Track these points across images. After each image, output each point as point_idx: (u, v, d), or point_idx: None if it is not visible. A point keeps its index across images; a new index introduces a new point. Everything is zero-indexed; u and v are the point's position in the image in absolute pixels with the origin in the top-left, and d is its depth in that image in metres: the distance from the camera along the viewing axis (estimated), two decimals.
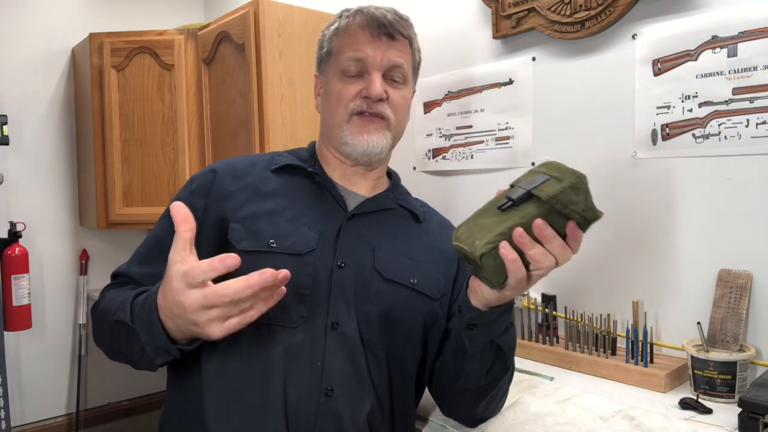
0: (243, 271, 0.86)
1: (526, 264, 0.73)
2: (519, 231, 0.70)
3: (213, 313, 0.71)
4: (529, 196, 0.73)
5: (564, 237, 0.73)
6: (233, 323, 0.72)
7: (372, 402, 0.88)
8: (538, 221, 0.70)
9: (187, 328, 0.74)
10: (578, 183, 0.72)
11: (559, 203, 0.71)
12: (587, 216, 0.73)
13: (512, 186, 0.77)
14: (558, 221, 0.72)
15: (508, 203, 0.74)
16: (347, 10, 0.98)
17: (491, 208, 0.77)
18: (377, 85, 0.92)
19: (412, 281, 0.94)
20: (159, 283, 0.78)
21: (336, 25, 0.98)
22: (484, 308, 0.82)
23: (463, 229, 0.77)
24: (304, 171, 0.98)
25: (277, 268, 0.84)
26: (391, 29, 0.93)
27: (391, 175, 1.09)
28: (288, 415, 0.83)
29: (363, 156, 0.95)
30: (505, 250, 0.71)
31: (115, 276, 0.98)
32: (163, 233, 0.94)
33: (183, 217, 0.74)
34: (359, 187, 1.01)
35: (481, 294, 0.80)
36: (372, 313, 0.90)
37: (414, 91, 1.05)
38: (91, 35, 2.31)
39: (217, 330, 0.71)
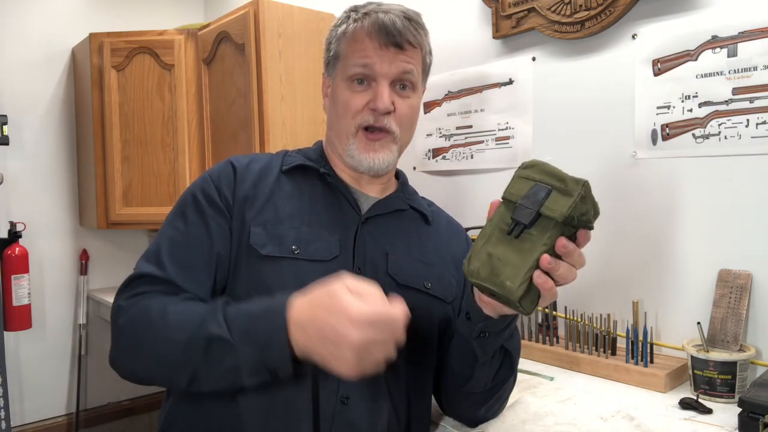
0: (269, 278, 0.85)
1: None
2: (546, 258, 0.69)
3: (369, 350, 0.67)
4: (538, 215, 0.70)
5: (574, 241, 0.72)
6: (372, 364, 0.69)
7: (389, 409, 0.88)
8: (562, 240, 0.69)
9: (319, 353, 0.70)
10: (585, 193, 0.70)
11: (573, 219, 0.69)
12: (594, 219, 0.72)
13: (508, 200, 0.74)
14: (569, 230, 0.71)
15: (520, 227, 0.71)
16: (355, 11, 0.95)
17: (496, 232, 0.73)
18: (385, 98, 0.90)
19: (426, 285, 0.93)
20: (279, 296, 0.75)
21: (344, 27, 0.95)
22: (496, 317, 0.80)
23: (476, 263, 0.73)
24: (315, 172, 0.97)
25: (302, 276, 0.83)
26: (399, 38, 0.90)
27: (398, 174, 1.07)
28: (320, 424, 0.82)
29: (369, 171, 0.94)
30: (541, 279, 0.69)
31: (139, 276, 0.86)
32: (191, 228, 0.89)
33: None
34: (369, 189, 0.99)
35: (499, 307, 0.78)
36: None
37: (424, 89, 1.02)
38: (91, 35, 2.31)
39: (354, 372, 0.68)
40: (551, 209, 0.69)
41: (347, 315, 0.67)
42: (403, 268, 0.92)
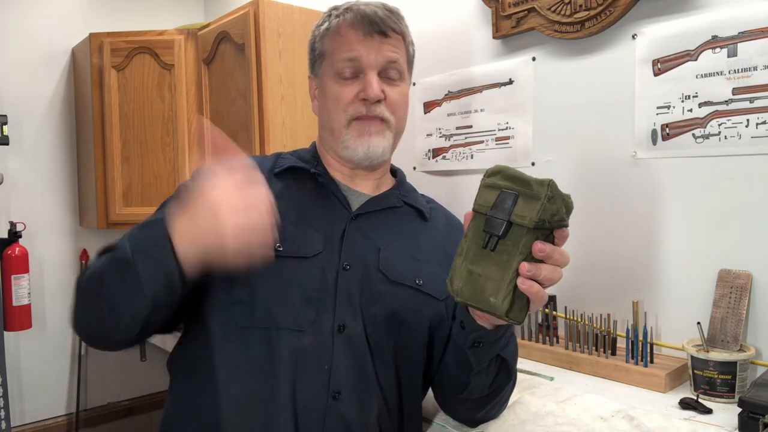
0: (251, 274, 0.84)
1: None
2: (525, 266, 0.68)
3: (241, 219, 0.72)
4: (510, 224, 0.70)
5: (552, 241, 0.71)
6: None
7: (380, 404, 0.88)
8: (537, 245, 0.68)
9: (203, 241, 0.74)
10: (552, 193, 0.68)
11: (546, 222, 0.69)
12: (568, 215, 0.71)
13: (478, 212, 0.73)
14: (544, 233, 0.70)
15: (495, 240, 0.70)
16: (336, 9, 0.96)
17: (473, 247, 0.73)
18: (374, 86, 0.91)
19: (417, 282, 0.93)
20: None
21: (326, 25, 0.96)
22: (490, 327, 0.80)
23: (459, 282, 0.73)
24: (307, 172, 0.97)
25: (284, 272, 0.85)
26: (383, 26, 0.91)
27: (395, 172, 1.07)
28: (297, 419, 0.82)
29: (365, 159, 0.94)
30: (526, 285, 0.68)
31: (106, 249, 0.87)
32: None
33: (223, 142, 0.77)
34: (363, 187, 0.99)
35: (492, 319, 0.77)
36: (378, 315, 0.89)
37: (412, 83, 1.03)
38: (91, 35, 2.31)
39: (241, 255, 0.72)
40: (521, 216, 0.68)
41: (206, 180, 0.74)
42: (395, 264, 0.93)
